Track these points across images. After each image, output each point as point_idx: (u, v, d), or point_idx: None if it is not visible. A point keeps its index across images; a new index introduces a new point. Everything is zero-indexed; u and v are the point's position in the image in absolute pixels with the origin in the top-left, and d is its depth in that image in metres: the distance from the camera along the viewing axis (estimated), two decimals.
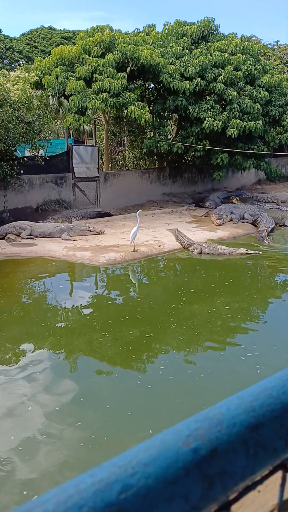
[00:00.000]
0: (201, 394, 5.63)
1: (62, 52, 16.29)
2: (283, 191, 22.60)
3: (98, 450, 4.65)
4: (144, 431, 4.95)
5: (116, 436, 4.89)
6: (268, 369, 6.07)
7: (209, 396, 5.55)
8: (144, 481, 0.45)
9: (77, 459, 4.58)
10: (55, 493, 0.44)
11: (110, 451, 4.62)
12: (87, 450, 4.66)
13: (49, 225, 13.66)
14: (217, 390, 5.67)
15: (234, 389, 5.55)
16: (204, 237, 13.86)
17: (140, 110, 15.14)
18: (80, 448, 4.70)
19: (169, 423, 4.99)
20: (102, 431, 4.95)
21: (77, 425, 5.06)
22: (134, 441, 4.78)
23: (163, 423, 5.06)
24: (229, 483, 0.50)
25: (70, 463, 4.52)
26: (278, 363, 6.26)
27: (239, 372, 6.17)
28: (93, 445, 4.72)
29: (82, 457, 4.60)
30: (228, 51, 18.35)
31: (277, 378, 0.61)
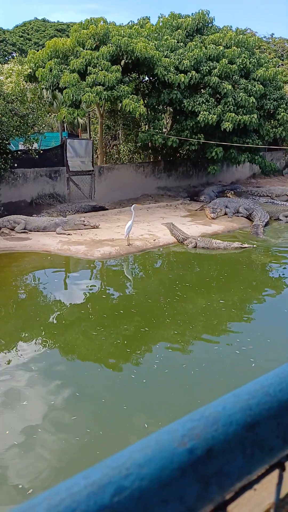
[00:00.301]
0: (196, 388, 5.65)
1: (56, 45, 16.15)
2: (277, 185, 22.61)
3: (93, 444, 4.66)
4: (139, 425, 4.96)
5: (111, 430, 4.90)
6: (263, 363, 6.10)
7: (204, 390, 5.57)
8: (138, 483, 0.44)
9: (72, 453, 4.58)
10: (46, 496, 0.42)
11: (105, 445, 4.63)
12: (82, 444, 4.66)
13: (44, 219, 13.60)
14: (211, 384, 5.69)
15: (229, 383, 5.57)
16: (199, 231, 13.86)
17: (134, 103, 15.05)
18: (75, 442, 4.71)
19: (164, 417, 5.01)
20: (97, 425, 4.96)
21: (73, 419, 5.07)
22: (130, 435, 4.79)
23: (158, 417, 5.07)
24: (225, 483, 0.49)
25: (65, 457, 4.53)
26: (273, 357, 6.29)
27: (234, 366, 6.20)
28: (89, 439, 4.73)
29: (78, 451, 4.61)
30: (223, 44, 18.27)
31: (273, 375, 0.60)
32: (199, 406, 0.55)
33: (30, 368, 6.13)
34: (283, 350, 6.52)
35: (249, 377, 0.70)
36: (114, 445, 4.62)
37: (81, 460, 4.46)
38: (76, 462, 4.45)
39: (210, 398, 0.54)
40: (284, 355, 6.25)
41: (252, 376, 0.62)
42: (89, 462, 4.38)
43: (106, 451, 4.51)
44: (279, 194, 20.44)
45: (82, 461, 4.44)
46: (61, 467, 4.40)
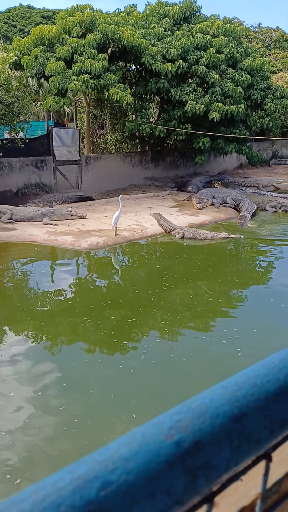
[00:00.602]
0: (183, 377, 5.69)
1: (41, 32, 15.89)
2: (264, 176, 22.71)
3: (82, 435, 4.67)
4: (127, 415, 4.99)
5: (99, 420, 4.91)
6: (249, 352, 6.16)
7: (191, 380, 5.61)
8: (125, 477, 0.43)
9: (60, 444, 4.59)
10: (32, 492, 0.42)
11: (93, 436, 4.65)
12: (70, 435, 4.67)
13: (30, 209, 13.47)
14: (199, 374, 5.74)
15: (216, 372, 5.62)
16: (186, 221, 13.87)
17: (121, 92, 14.92)
18: (63, 432, 4.72)
19: (152, 406, 5.04)
20: (85, 416, 4.97)
21: (60, 410, 5.07)
22: (118, 425, 4.82)
23: (146, 407, 5.10)
24: (212, 476, 0.49)
25: (54, 448, 4.54)
26: (259, 346, 6.35)
27: (221, 356, 6.25)
28: (77, 429, 4.74)
29: (66, 441, 4.62)
30: (210, 33, 18.16)
31: (260, 367, 0.60)
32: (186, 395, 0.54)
33: (17, 359, 6.10)
34: (269, 340, 6.59)
35: (235, 366, 0.71)
36: (102, 435, 4.64)
37: (69, 450, 4.48)
38: (64, 452, 4.46)
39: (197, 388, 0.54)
40: (270, 345, 6.32)
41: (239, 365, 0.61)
42: (77, 452, 4.39)
43: (94, 441, 4.53)
44: (265, 185, 20.53)
45: (70, 451, 4.46)
46: (49, 457, 4.41)
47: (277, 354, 0.62)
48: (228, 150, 18.67)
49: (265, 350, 5.69)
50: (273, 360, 0.61)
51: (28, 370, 5.85)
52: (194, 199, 16.04)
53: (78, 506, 0.40)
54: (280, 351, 0.64)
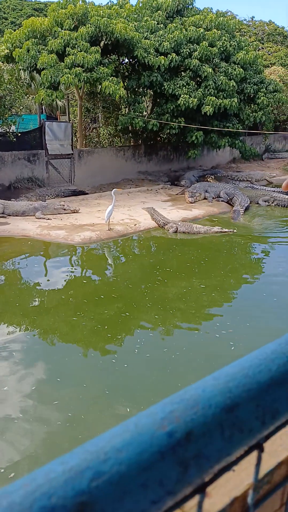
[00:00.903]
0: (177, 371, 5.70)
1: (33, 24, 15.73)
2: (257, 170, 22.74)
3: (76, 428, 4.68)
4: (121, 409, 5.00)
5: (93, 414, 4.92)
6: (242, 346, 6.19)
7: (184, 374, 5.63)
8: (117, 468, 0.43)
9: (54, 437, 4.60)
10: (23, 483, 0.41)
11: (88, 429, 4.65)
12: (65, 429, 4.68)
13: (22, 203, 13.40)
14: (192, 368, 5.76)
15: (209, 366, 5.65)
16: (180, 215, 13.87)
17: (114, 85, 14.83)
18: (57, 426, 4.72)
19: (146, 400, 5.05)
20: (79, 410, 4.98)
21: (54, 404, 5.07)
22: (112, 419, 4.83)
23: (140, 401, 5.12)
24: (204, 466, 0.49)
25: (47, 441, 4.54)
26: (252, 340, 6.39)
27: (214, 350, 6.27)
28: (71, 423, 4.75)
29: (60, 435, 4.62)
30: (203, 26, 18.08)
31: (253, 357, 0.60)
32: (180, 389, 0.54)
33: (11, 354, 6.10)
34: (262, 334, 6.63)
35: (229, 360, 0.72)
36: (96, 429, 4.65)
37: (63, 444, 4.49)
38: (58, 446, 4.47)
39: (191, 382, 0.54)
40: (263, 339, 6.35)
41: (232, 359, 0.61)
42: (71, 446, 4.40)
43: (88, 435, 4.54)
44: (258, 179, 20.56)
45: (64, 445, 4.47)
46: (43, 451, 4.42)
47: (269, 344, 0.63)
48: (221, 144, 18.65)
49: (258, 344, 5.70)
50: (265, 350, 0.61)
51: (22, 365, 5.85)
52: (186, 193, 16.04)
53: (70, 497, 0.40)
54: (272, 341, 0.64)
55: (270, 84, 19.67)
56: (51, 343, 6.59)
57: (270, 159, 26.41)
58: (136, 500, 0.43)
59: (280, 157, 26.69)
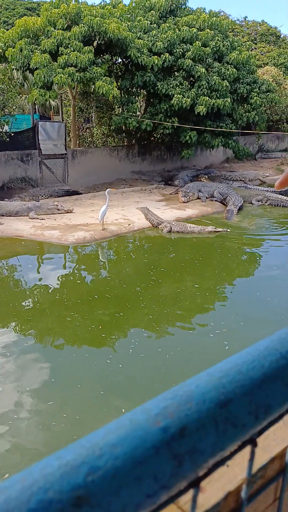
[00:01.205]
0: (172, 371, 5.71)
1: (26, 24, 15.69)
2: (250, 170, 22.81)
3: (71, 429, 4.67)
4: (116, 409, 5.00)
5: (89, 415, 4.92)
6: (236, 345, 6.21)
7: (179, 374, 5.63)
8: (112, 462, 0.44)
9: (49, 438, 4.59)
10: (19, 478, 0.42)
11: (83, 430, 4.65)
12: (60, 429, 4.67)
13: (16, 203, 13.35)
14: (186, 368, 5.77)
15: (203, 366, 5.64)
16: (174, 215, 13.88)
17: (107, 85, 14.82)
18: (52, 427, 4.71)
19: (141, 401, 5.04)
20: (74, 410, 4.97)
21: (49, 405, 5.07)
22: (107, 419, 4.83)
23: (135, 401, 5.12)
24: (198, 461, 0.49)
25: (42, 442, 4.54)
26: (245, 339, 6.41)
27: (208, 349, 6.29)
28: (66, 424, 4.74)
29: (55, 435, 4.62)
30: (196, 26, 18.11)
31: (246, 354, 0.61)
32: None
33: (4, 355, 6.08)
34: (256, 333, 6.65)
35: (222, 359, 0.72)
36: (91, 430, 4.63)
37: (58, 444, 4.48)
38: (53, 446, 4.46)
39: None
40: (257, 338, 6.35)
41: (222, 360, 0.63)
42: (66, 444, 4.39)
43: (83, 434, 4.52)
44: (252, 179, 20.63)
45: (60, 445, 4.46)
46: (38, 451, 4.41)
47: (262, 341, 0.63)
48: (214, 144, 18.70)
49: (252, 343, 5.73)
50: (258, 347, 0.62)
51: (16, 366, 5.83)
52: (179, 193, 16.07)
53: (66, 491, 0.41)
54: (265, 338, 0.65)
55: (263, 84, 19.74)
56: (45, 344, 6.57)
57: (263, 159, 26.51)
58: (131, 493, 0.43)
59: (273, 157, 26.80)
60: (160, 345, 6.46)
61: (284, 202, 16.00)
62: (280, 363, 0.60)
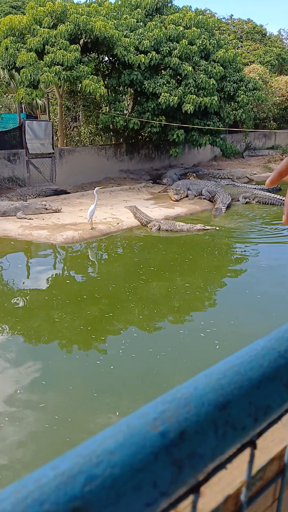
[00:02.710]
0: (163, 372, 5.68)
1: (11, 22, 15.56)
2: (238, 167, 22.90)
3: (63, 431, 4.64)
4: (109, 411, 4.96)
5: (81, 417, 4.88)
6: (227, 345, 6.21)
7: (171, 374, 5.61)
8: (110, 470, 0.42)
9: (42, 440, 4.55)
10: (13, 490, 0.40)
11: (75, 432, 4.62)
12: (52, 431, 4.63)
13: (3, 203, 13.24)
14: (178, 368, 5.74)
15: (195, 365, 5.65)
16: (162, 213, 13.89)
17: (94, 84, 14.76)
18: (44, 429, 4.67)
19: (134, 402, 5.02)
20: (66, 412, 4.93)
21: (41, 407, 5.02)
22: (100, 421, 4.79)
23: (128, 403, 5.08)
24: (198, 465, 0.48)
25: (35, 444, 4.50)
26: (236, 338, 6.42)
27: (199, 349, 6.28)
28: (58, 426, 4.70)
29: (47, 438, 4.58)
30: (183, 24, 18.12)
31: (243, 354, 0.59)
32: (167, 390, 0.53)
33: None
34: (246, 331, 6.67)
35: (214, 359, 0.72)
36: (84, 432, 4.61)
37: (52, 446, 4.45)
38: (46, 448, 4.43)
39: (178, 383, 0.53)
40: (247, 337, 6.39)
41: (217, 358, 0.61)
42: (60, 448, 4.36)
43: (76, 437, 4.50)
44: (240, 176, 20.71)
45: (53, 447, 4.43)
46: (31, 454, 4.38)
47: (260, 340, 0.62)
48: (202, 142, 18.73)
49: (242, 342, 5.77)
50: (255, 347, 0.61)
51: (4, 368, 5.77)
52: (170, 191, 16.05)
53: (63, 503, 0.39)
54: (262, 338, 0.63)
55: (249, 82, 19.83)
56: (34, 345, 6.52)
57: (251, 157, 26.64)
58: (130, 503, 0.42)
59: (260, 155, 26.94)
60: (150, 345, 6.44)
61: (272, 199, 16.10)
62: (279, 362, 0.59)
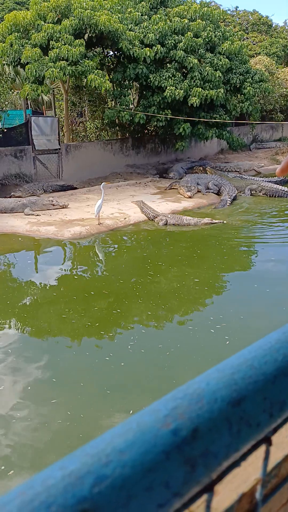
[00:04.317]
0: (174, 369, 5.63)
1: (16, 18, 15.53)
2: (245, 160, 22.74)
3: (76, 427, 4.63)
4: (121, 407, 4.94)
5: (93, 413, 4.87)
6: (237, 340, 6.15)
7: (182, 371, 5.55)
8: (120, 471, 0.40)
9: (55, 435, 4.56)
10: (20, 491, 0.38)
11: (89, 428, 4.61)
12: (65, 427, 4.63)
13: (11, 200, 13.27)
14: (189, 364, 5.69)
15: (206, 362, 5.62)
16: (169, 208, 13.84)
17: (100, 78, 14.71)
18: (58, 424, 4.68)
19: (145, 399, 5.00)
20: (78, 409, 4.92)
21: (53, 403, 5.02)
22: (112, 417, 4.79)
23: (139, 399, 5.05)
24: (212, 464, 0.46)
25: (48, 439, 4.51)
26: (246, 333, 6.36)
27: (209, 345, 6.22)
28: (71, 422, 4.70)
29: (61, 433, 4.58)
30: (188, 17, 17.97)
31: (257, 348, 0.57)
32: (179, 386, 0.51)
33: (2, 353, 6.03)
34: (256, 326, 6.61)
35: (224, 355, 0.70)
36: (97, 428, 4.60)
37: (65, 442, 4.45)
38: (60, 444, 4.43)
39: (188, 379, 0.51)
40: (257, 331, 6.35)
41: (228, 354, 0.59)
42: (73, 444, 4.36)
43: (89, 433, 4.49)
44: (247, 169, 20.57)
45: (66, 443, 4.43)
46: (44, 448, 4.39)
47: (273, 334, 0.60)
48: (208, 135, 18.61)
49: (253, 337, 5.73)
50: (269, 340, 0.59)
51: (15, 364, 5.79)
52: (182, 188, 15.64)
53: (70, 505, 0.37)
54: (275, 330, 0.61)
55: (255, 74, 19.65)
56: (43, 342, 6.51)
57: (258, 149, 26.42)
58: (141, 504, 0.40)
59: (267, 147, 26.71)
60: (160, 341, 6.38)
61: (280, 192, 15.97)
62: None
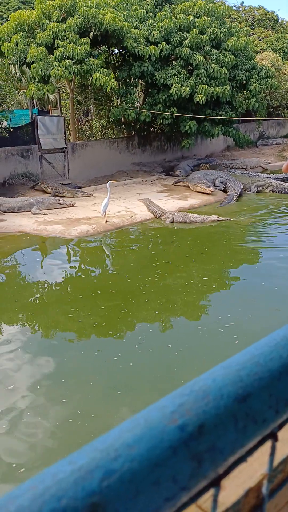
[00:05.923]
0: (184, 368, 5.61)
1: (21, 17, 15.55)
2: (252, 157, 22.65)
3: (87, 426, 4.64)
4: (131, 406, 4.95)
5: (103, 412, 4.88)
6: (246, 339, 6.11)
7: (191, 370, 5.53)
8: (128, 465, 0.41)
9: (65, 433, 4.58)
10: (31, 485, 0.39)
11: (99, 427, 4.62)
12: (76, 426, 4.65)
13: (18, 199, 13.34)
14: (198, 364, 5.67)
15: (215, 362, 5.55)
16: (176, 205, 13.83)
17: (105, 77, 14.70)
18: (68, 423, 4.70)
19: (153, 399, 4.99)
20: (88, 408, 4.93)
21: (62, 402, 5.04)
22: (123, 416, 4.80)
23: (149, 399, 5.06)
24: (218, 459, 0.47)
25: (58, 437, 4.54)
26: (255, 332, 6.32)
27: (218, 344, 6.19)
28: (82, 421, 4.71)
29: (72, 432, 4.60)
30: (193, 13, 17.89)
31: (263, 344, 0.58)
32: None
33: (10, 352, 6.06)
34: (265, 325, 6.58)
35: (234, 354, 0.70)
36: (107, 427, 4.62)
37: (76, 441, 4.47)
38: (70, 443, 4.45)
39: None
40: (266, 330, 6.32)
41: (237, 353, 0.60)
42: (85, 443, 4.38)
43: (100, 432, 4.50)
44: (253, 166, 20.49)
45: (77, 441, 4.45)
46: (55, 448, 4.41)
47: (279, 331, 0.61)
48: (214, 132, 18.54)
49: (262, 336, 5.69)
50: (275, 337, 0.60)
51: (23, 363, 5.82)
52: (200, 185, 15.40)
53: (80, 498, 0.38)
54: (281, 328, 0.62)
55: (262, 70, 19.52)
56: (51, 341, 6.52)
57: (265, 146, 26.30)
58: (149, 498, 0.41)
59: (274, 144, 26.58)
60: (168, 341, 6.35)
61: (286, 188, 15.90)
62: None
